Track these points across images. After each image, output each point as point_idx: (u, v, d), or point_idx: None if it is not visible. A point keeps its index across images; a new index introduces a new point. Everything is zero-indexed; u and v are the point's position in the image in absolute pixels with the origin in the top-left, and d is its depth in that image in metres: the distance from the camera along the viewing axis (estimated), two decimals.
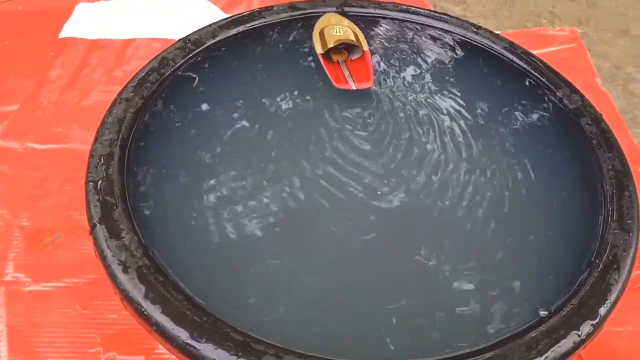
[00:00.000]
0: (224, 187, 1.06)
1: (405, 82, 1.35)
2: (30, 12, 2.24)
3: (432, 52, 1.43)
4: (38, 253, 1.46)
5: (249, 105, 1.24)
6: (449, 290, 0.95)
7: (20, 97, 1.85)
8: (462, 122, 1.26)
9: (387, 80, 1.35)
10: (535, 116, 1.27)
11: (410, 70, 1.38)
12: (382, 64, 1.39)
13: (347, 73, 1.35)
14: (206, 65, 1.30)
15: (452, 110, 1.28)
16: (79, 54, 2.05)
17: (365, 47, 1.38)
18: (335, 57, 1.38)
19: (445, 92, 1.33)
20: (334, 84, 1.31)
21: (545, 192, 1.12)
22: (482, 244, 1.03)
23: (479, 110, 1.28)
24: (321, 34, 1.39)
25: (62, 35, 2.12)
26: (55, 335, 1.31)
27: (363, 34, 1.41)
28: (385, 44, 1.45)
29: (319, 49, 1.36)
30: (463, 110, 1.28)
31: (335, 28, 1.38)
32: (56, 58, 2.02)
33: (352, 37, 1.37)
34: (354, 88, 1.31)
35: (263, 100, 1.26)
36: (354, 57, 1.39)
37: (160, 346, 1.25)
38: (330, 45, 1.34)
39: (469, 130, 1.24)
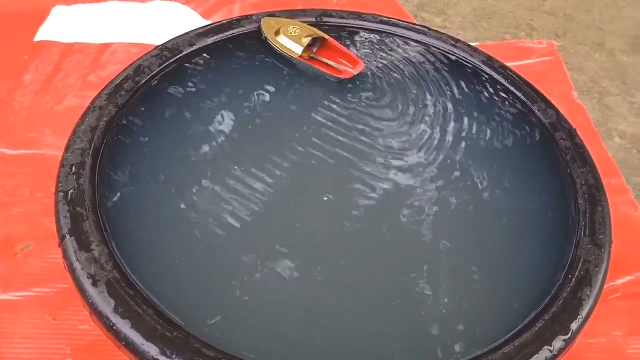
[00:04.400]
0: (198, 199, 1.04)
1: (381, 94, 1.35)
2: (5, 14, 2.20)
3: (410, 64, 1.43)
4: (7, 261, 1.42)
5: (227, 113, 1.23)
6: (419, 305, 0.94)
7: None
8: (435, 135, 1.26)
9: (361, 93, 1.34)
10: (510, 130, 1.28)
11: (386, 82, 1.38)
12: (358, 76, 1.39)
13: (333, 63, 1.37)
14: (183, 74, 1.28)
15: (425, 123, 1.28)
16: (53, 58, 2.01)
17: (327, 36, 1.40)
18: (305, 54, 1.38)
19: (418, 104, 1.33)
20: (335, 76, 1.33)
21: (518, 206, 1.12)
22: (452, 259, 1.02)
23: (453, 124, 1.29)
24: (277, 36, 1.39)
25: (37, 38, 2.08)
26: (24, 346, 1.28)
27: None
28: (363, 56, 1.45)
29: (294, 53, 1.36)
30: (437, 124, 1.28)
31: (289, 28, 1.38)
32: (30, 62, 1.98)
33: (312, 31, 1.40)
34: (355, 73, 1.34)
35: (244, 106, 1.25)
36: (315, 49, 1.41)
37: None
38: (307, 43, 1.36)
39: (442, 143, 1.24)
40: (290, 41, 1.36)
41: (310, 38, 1.37)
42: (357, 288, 0.97)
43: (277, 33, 1.38)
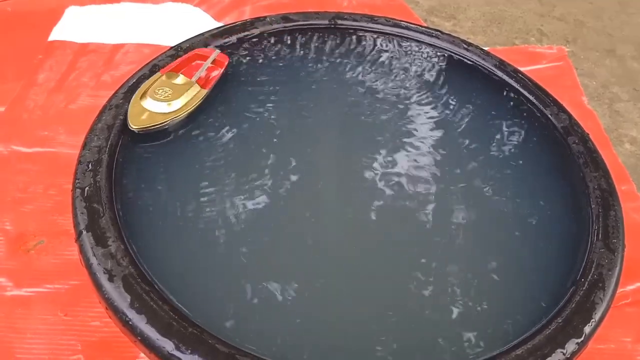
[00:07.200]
0: (213, 196, 1.05)
1: (394, 97, 1.35)
2: (20, 14, 2.22)
3: (422, 67, 1.44)
4: (20, 257, 1.44)
5: (241, 113, 1.24)
6: (434, 309, 0.94)
7: (7, 100, 1.83)
8: (449, 139, 1.26)
9: (375, 95, 1.35)
10: (523, 134, 1.28)
11: (399, 85, 1.38)
12: (373, 77, 1.39)
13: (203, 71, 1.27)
14: None
15: (439, 127, 1.29)
16: (67, 58, 2.03)
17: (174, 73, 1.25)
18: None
19: (434, 107, 1.34)
20: (223, 70, 1.29)
21: (532, 210, 1.12)
22: (467, 262, 1.03)
23: (467, 127, 1.29)
24: (144, 98, 1.17)
25: (51, 38, 2.10)
26: (35, 342, 1.29)
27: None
28: (376, 58, 1.45)
29: (202, 93, 1.21)
30: (451, 127, 1.29)
31: (157, 95, 1.16)
32: (44, 61, 2.00)
33: (176, 82, 1.22)
34: (217, 52, 1.32)
35: (252, 108, 1.25)
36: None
37: (142, 355, 1.25)
38: (192, 79, 1.23)
39: (456, 146, 1.24)
40: (186, 95, 1.18)
41: (180, 76, 1.23)
42: (366, 288, 0.97)
43: (145, 96, 1.16)
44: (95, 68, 2.01)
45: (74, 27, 2.17)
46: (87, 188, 0.97)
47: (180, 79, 1.22)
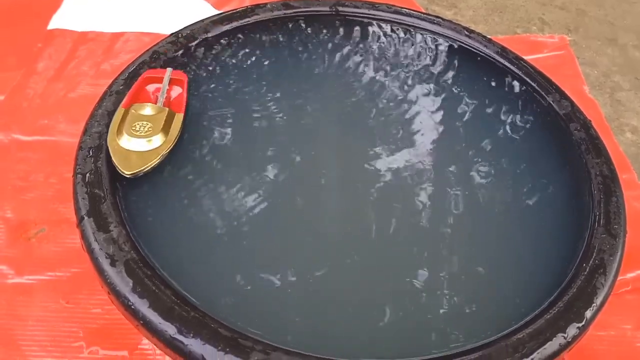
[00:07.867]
0: (216, 180, 1.05)
1: (395, 84, 1.35)
2: (19, 2, 2.21)
3: (424, 55, 1.43)
4: (21, 245, 1.44)
5: (242, 99, 1.24)
6: (434, 294, 0.94)
7: (7, 88, 1.83)
8: (450, 126, 1.26)
9: (377, 83, 1.34)
10: (525, 120, 1.28)
11: (401, 72, 1.38)
12: (373, 65, 1.39)
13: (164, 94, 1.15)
14: (198, 60, 1.29)
15: (439, 113, 1.29)
16: (66, 46, 2.03)
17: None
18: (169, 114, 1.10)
19: (434, 94, 1.33)
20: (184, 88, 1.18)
21: (534, 196, 1.13)
22: (468, 246, 1.03)
23: (468, 114, 1.29)
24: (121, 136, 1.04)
25: (50, 26, 2.09)
26: (37, 329, 1.30)
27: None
28: (377, 45, 1.45)
29: (180, 118, 1.10)
30: (451, 114, 1.29)
31: (135, 131, 1.03)
32: (44, 49, 2.00)
33: (147, 113, 1.09)
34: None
35: (250, 98, 1.25)
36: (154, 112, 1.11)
37: (144, 341, 1.26)
38: (159, 103, 1.12)
39: (457, 133, 1.24)
40: (166, 125, 1.07)
41: (148, 106, 1.10)
42: (367, 275, 0.97)
43: (128, 153, 1.01)
44: (94, 57, 2.00)
45: (73, 15, 2.16)
46: (88, 174, 0.97)
47: (150, 109, 1.09)
